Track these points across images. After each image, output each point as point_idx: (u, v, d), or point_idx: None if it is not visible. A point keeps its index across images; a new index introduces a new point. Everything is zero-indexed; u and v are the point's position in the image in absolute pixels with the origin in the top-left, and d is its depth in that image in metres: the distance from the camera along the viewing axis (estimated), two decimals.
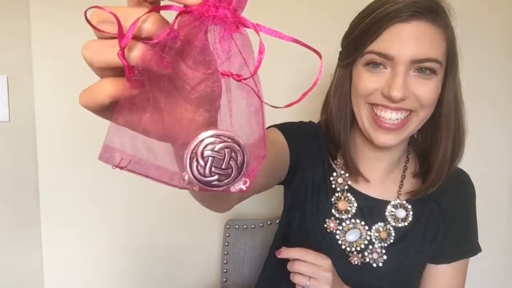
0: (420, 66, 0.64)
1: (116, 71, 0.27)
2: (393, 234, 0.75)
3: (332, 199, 0.77)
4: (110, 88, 0.27)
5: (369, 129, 0.68)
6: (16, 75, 1.09)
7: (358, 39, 0.67)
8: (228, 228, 1.10)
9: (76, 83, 1.15)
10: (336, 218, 0.76)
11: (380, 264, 0.73)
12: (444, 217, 0.78)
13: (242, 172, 0.27)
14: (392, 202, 0.76)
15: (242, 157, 0.27)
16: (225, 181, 0.27)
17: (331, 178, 0.78)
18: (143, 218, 1.18)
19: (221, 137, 0.26)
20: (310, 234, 0.76)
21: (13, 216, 1.13)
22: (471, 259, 0.82)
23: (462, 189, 0.81)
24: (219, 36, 0.26)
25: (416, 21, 0.63)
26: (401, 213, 0.75)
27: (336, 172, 0.78)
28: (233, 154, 0.26)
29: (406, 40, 0.62)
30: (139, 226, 1.18)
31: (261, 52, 0.26)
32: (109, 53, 0.26)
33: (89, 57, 0.28)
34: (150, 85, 0.27)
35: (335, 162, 0.79)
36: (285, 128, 0.75)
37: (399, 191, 0.77)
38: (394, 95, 0.62)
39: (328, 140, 0.77)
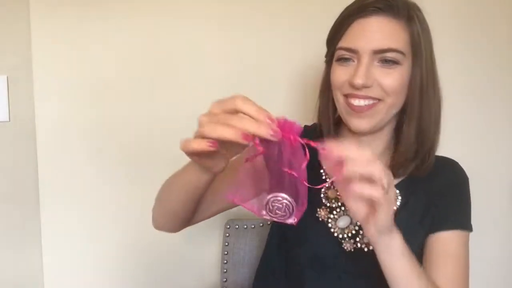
0: (383, 57, 0.69)
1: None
2: None
3: (322, 189, 0.79)
4: (195, 145, 0.49)
5: (346, 116, 0.74)
6: (16, 75, 1.09)
7: (332, 37, 0.75)
8: (228, 228, 1.10)
9: (76, 83, 1.17)
10: (327, 207, 0.78)
11: (371, 248, 0.74)
12: (435, 198, 0.78)
13: (291, 214, 0.51)
14: None
15: (292, 207, 0.51)
16: (282, 217, 0.51)
17: (321, 171, 0.80)
18: (143, 218, 1.18)
19: (282, 196, 0.51)
20: (304, 226, 0.77)
21: (13, 216, 1.13)
22: (470, 260, 0.81)
23: (452, 175, 0.82)
24: (288, 147, 0.49)
25: (376, 16, 0.69)
26: None
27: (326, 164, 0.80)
28: (287, 205, 0.51)
29: (367, 33, 0.69)
30: (139, 226, 1.18)
31: (307, 159, 0.49)
32: (221, 131, 0.47)
33: (207, 132, 0.48)
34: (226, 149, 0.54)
35: None
36: None
37: None
38: (356, 82, 0.68)
39: (320, 137, 0.81)
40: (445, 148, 0.84)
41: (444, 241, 0.76)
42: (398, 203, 0.77)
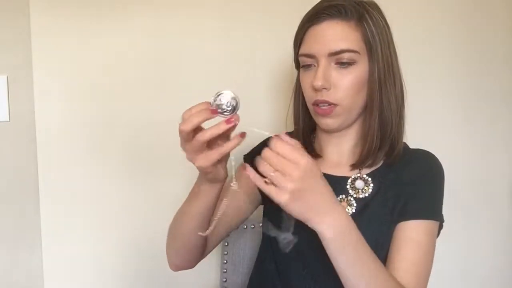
0: (339, 58, 0.74)
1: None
2: (354, 204, 0.79)
3: None
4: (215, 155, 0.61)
5: (315, 118, 0.80)
6: (16, 75, 1.09)
7: (294, 45, 0.81)
8: None
9: (76, 83, 1.17)
10: None
11: None
12: (406, 185, 0.80)
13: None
14: (352, 176, 0.82)
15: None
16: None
17: None
18: (143, 218, 1.19)
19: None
20: (281, 218, 0.79)
21: (13, 216, 1.13)
22: (470, 260, 0.81)
23: (425, 164, 0.84)
24: None
25: (327, 21, 0.75)
26: (359, 184, 0.81)
27: None
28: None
29: (321, 38, 0.74)
30: (139, 226, 1.18)
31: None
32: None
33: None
34: None
35: None
36: (249, 158, 0.88)
37: (360, 168, 0.82)
38: (315, 84, 0.74)
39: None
40: (445, 147, 0.84)
41: (408, 229, 0.78)
42: (370, 191, 0.80)
